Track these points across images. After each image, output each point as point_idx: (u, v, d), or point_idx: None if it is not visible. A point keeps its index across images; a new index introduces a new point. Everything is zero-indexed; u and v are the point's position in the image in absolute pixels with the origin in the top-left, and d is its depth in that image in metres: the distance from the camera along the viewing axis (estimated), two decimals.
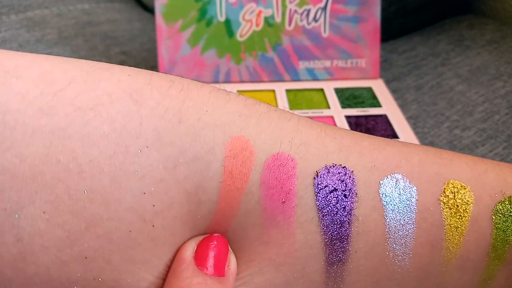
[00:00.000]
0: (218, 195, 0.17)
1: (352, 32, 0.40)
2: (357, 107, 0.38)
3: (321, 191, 0.18)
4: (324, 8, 0.39)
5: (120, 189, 0.16)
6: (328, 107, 0.38)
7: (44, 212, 0.16)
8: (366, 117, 0.37)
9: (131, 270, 0.17)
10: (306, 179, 0.18)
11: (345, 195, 0.18)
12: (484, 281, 0.19)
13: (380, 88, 0.40)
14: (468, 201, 0.19)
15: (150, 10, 0.60)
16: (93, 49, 0.45)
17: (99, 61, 0.51)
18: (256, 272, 0.18)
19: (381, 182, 0.18)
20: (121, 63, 0.44)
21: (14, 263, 0.16)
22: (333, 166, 0.18)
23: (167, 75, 0.19)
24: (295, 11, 0.39)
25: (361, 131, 0.35)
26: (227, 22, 0.39)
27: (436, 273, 0.19)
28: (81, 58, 0.50)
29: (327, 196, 0.18)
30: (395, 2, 0.49)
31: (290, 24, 0.39)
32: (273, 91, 0.39)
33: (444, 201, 0.19)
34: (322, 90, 0.40)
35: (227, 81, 0.40)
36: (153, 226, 0.17)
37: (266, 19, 0.39)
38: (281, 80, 0.40)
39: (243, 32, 0.39)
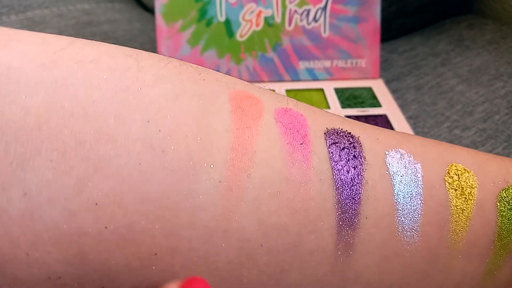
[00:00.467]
0: (230, 125, 0.17)
1: (352, 32, 0.40)
2: (357, 107, 0.38)
3: (332, 146, 0.18)
4: (324, 8, 0.39)
5: (124, 123, 0.16)
6: (328, 107, 0.38)
7: (51, 161, 0.15)
8: (366, 117, 0.37)
9: (144, 211, 0.16)
10: (318, 132, 0.18)
11: (354, 156, 0.18)
12: (490, 272, 0.19)
13: (380, 88, 0.40)
14: (473, 184, 0.19)
15: (150, 10, 0.60)
16: None
17: None
18: (273, 213, 0.17)
19: (386, 152, 0.19)
20: None
21: (22, 220, 0.15)
22: (341, 130, 0.19)
23: None
24: (295, 11, 0.39)
25: None
26: (227, 22, 0.39)
27: (443, 256, 0.19)
28: None
29: (339, 152, 0.18)
30: (395, 2, 0.49)
31: (290, 24, 0.39)
32: (273, 91, 0.39)
33: (449, 181, 0.19)
34: (322, 90, 0.40)
35: None
36: (163, 151, 0.16)
37: (266, 19, 0.39)
38: (281, 80, 0.40)
39: (243, 32, 0.39)
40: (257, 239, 0.17)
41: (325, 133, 0.18)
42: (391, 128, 0.35)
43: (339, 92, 0.39)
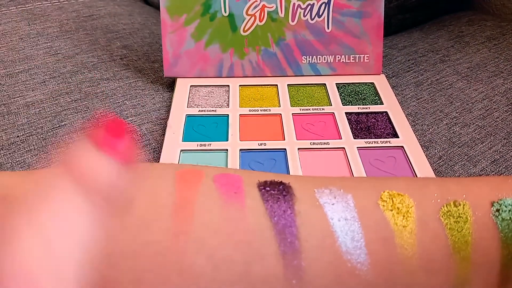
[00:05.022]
0: (174, 189, 0.20)
1: (356, 28, 0.40)
2: (359, 104, 0.38)
3: (263, 190, 0.21)
4: (328, 3, 0.39)
5: None
6: (330, 104, 0.37)
7: None
8: (367, 114, 0.36)
9: (113, 264, 0.18)
10: (251, 184, 0.21)
11: (284, 194, 0.21)
12: (460, 285, 0.19)
13: (382, 83, 0.40)
14: (409, 204, 0.20)
15: (151, 3, 0.60)
16: (94, 42, 0.45)
17: (100, 55, 0.51)
18: (217, 247, 0.19)
19: (315, 190, 0.21)
20: (123, 57, 0.44)
21: None
22: (272, 181, 0.21)
23: None
24: (299, 6, 0.39)
25: (361, 129, 0.35)
26: (231, 17, 0.39)
27: (400, 273, 0.19)
28: (83, 52, 0.49)
29: (270, 193, 0.21)
30: None
31: (293, 19, 0.39)
32: (276, 86, 0.40)
33: (383, 204, 0.20)
34: (324, 85, 0.40)
35: (230, 75, 0.40)
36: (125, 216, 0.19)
37: (269, 13, 0.39)
38: (284, 75, 0.40)
39: (246, 27, 0.39)
40: (209, 273, 0.19)
41: (257, 184, 0.21)
42: (391, 126, 0.35)
43: (341, 87, 0.39)
